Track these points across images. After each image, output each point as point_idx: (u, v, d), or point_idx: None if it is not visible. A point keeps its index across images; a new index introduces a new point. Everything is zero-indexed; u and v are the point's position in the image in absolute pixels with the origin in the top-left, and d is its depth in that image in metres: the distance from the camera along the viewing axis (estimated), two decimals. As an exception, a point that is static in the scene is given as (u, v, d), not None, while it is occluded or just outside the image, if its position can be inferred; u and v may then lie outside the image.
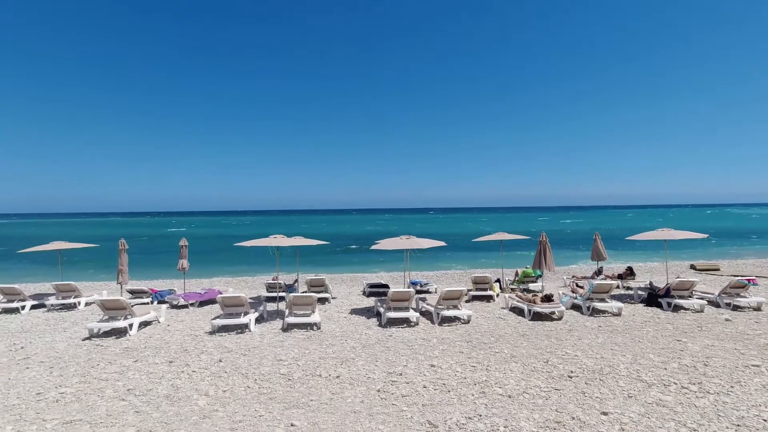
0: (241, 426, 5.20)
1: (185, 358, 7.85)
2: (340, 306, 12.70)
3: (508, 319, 10.67)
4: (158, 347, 8.61)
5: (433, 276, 19.36)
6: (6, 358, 8.06)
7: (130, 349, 8.48)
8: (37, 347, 8.73)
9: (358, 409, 5.62)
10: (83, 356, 8.08)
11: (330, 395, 6.11)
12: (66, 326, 10.57)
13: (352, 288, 16.26)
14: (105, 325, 9.53)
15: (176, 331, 9.97)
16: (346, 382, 6.61)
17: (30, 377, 6.99)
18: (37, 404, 5.91)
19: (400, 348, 8.34)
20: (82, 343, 8.96)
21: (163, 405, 5.83)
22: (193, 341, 9.03)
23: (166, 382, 6.69)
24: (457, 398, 5.93)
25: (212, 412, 5.59)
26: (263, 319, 10.89)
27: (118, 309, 9.90)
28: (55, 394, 6.27)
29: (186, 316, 11.55)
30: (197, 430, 5.10)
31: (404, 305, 10.72)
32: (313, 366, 7.34)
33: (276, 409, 5.68)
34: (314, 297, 10.43)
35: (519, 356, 7.71)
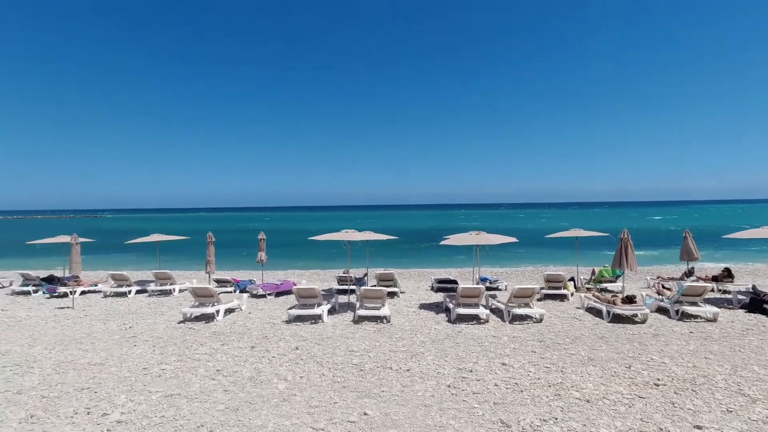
0: (317, 411, 5.50)
1: (265, 345, 8.41)
2: (408, 300, 12.84)
3: (584, 319, 10.14)
4: (241, 333, 9.30)
5: (502, 273, 18.88)
6: (118, 335, 9.18)
7: (218, 334, 9.25)
8: (141, 327, 9.83)
9: (428, 403, 5.70)
10: (179, 337, 8.96)
11: (401, 387, 6.24)
12: (164, 310, 11.76)
13: (419, 283, 16.34)
14: (196, 310, 10.47)
15: (256, 318, 10.69)
16: (417, 375, 6.71)
17: (137, 354, 7.91)
18: (143, 378, 6.68)
19: (470, 344, 8.28)
20: (178, 326, 9.93)
21: (247, 386, 6.32)
22: (272, 329, 9.63)
23: (249, 365, 7.23)
24: (531, 399, 5.79)
25: (291, 396, 5.96)
26: (335, 311, 11.32)
27: (206, 296, 10.83)
28: (158, 369, 7.04)
29: (264, 305, 12.33)
30: (278, 412, 5.47)
31: (473, 302, 10.60)
32: (383, 358, 7.53)
33: (349, 397, 5.92)
34: (384, 291, 10.65)
35: (597, 360, 7.32)
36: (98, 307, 12.29)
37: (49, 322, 10.45)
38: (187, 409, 5.57)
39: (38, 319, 10.85)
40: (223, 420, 5.24)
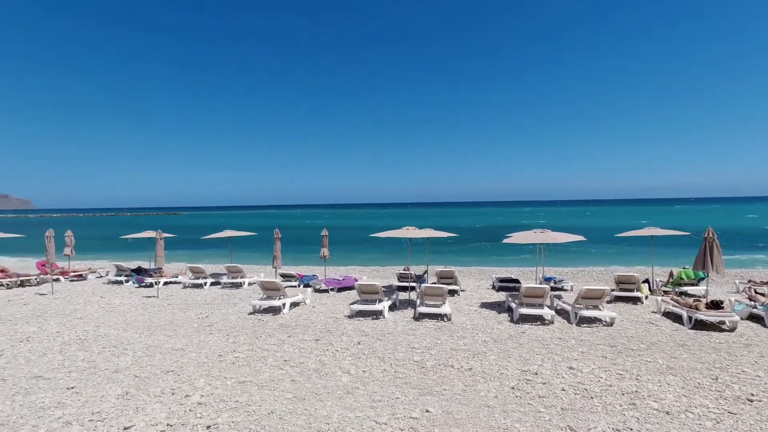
0: (379, 405, 5.61)
1: (329, 338, 8.70)
2: (469, 299, 12.66)
3: (661, 325, 9.44)
4: (306, 326, 9.69)
5: (568, 273, 18.02)
6: (196, 324, 9.93)
7: (284, 326, 9.71)
8: (216, 317, 10.55)
9: (491, 404, 5.61)
10: (249, 328, 9.51)
11: (463, 387, 6.20)
12: (235, 301, 12.53)
13: (480, 281, 16.05)
14: (264, 303, 11.06)
15: (320, 312, 11.07)
16: (479, 375, 6.63)
17: (213, 341, 8.51)
18: (219, 364, 7.19)
19: (534, 346, 8.02)
20: (248, 317, 10.55)
21: (313, 377, 6.59)
22: (335, 323, 9.93)
23: (314, 357, 7.52)
24: (602, 407, 5.51)
25: (354, 389, 6.13)
26: (396, 307, 11.44)
27: (274, 290, 11.39)
28: (231, 357, 7.53)
29: (327, 300, 12.74)
30: (342, 404, 5.65)
31: (538, 302, 10.24)
32: (445, 356, 7.51)
33: (411, 393, 5.98)
34: (445, 289, 10.60)
35: (678, 369, 6.80)
36: (178, 296, 13.35)
37: (138, 309, 11.53)
38: (258, 395, 5.91)
39: (130, 306, 12.00)
40: (291, 408, 5.51)
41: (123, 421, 5.19)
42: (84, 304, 12.35)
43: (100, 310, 11.54)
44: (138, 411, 5.47)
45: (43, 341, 8.64)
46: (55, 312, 11.29)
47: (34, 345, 8.39)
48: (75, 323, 10.08)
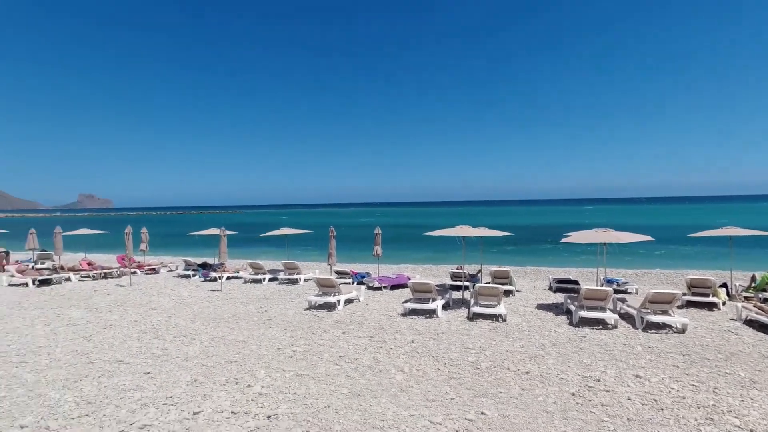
0: (434, 405, 5.60)
1: (382, 336, 8.80)
2: (525, 300, 12.30)
3: (742, 334, 8.65)
4: (360, 323, 9.86)
5: (632, 275, 16.97)
6: (256, 317, 10.42)
7: (339, 322, 9.93)
8: (274, 312, 11.01)
9: (550, 410, 5.42)
10: (306, 323, 9.84)
11: (520, 390, 6.04)
12: (292, 297, 12.99)
13: (536, 282, 15.52)
14: (320, 299, 11.38)
15: (373, 310, 11.21)
16: (536, 379, 6.42)
17: (272, 335, 8.89)
18: (278, 357, 7.50)
19: (596, 351, 7.64)
20: (304, 312, 10.90)
21: (367, 374, 6.70)
22: (388, 321, 10.02)
23: (368, 354, 7.64)
24: (674, 420, 5.15)
25: (408, 387, 6.16)
26: (449, 307, 11.34)
27: (329, 286, 11.68)
28: (289, 351, 7.83)
29: (381, 298, 12.88)
30: (396, 402, 5.70)
31: (599, 305, 9.75)
32: (500, 358, 7.35)
33: (465, 395, 5.92)
34: (500, 288, 10.37)
35: (763, 383, 6.21)
36: (240, 291, 14.07)
37: (204, 302, 12.28)
38: (315, 389, 6.11)
39: (197, 298, 12.82)
40: (346, 403, 5.64)
41: (192, 406, 5.56)
42: (157, 295, 13.34)
43: (171, 301, 12.41)
44: (205, 398, 5.84)
45: (123, 329, 9.45)
46: (133, 302, 12.29)
47: (116, 332, 9.19)
48: (150, 313, 10.92)
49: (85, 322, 10.03)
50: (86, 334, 9.01)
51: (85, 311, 11.24)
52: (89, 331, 9.25)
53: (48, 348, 8.11)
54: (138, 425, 5.09)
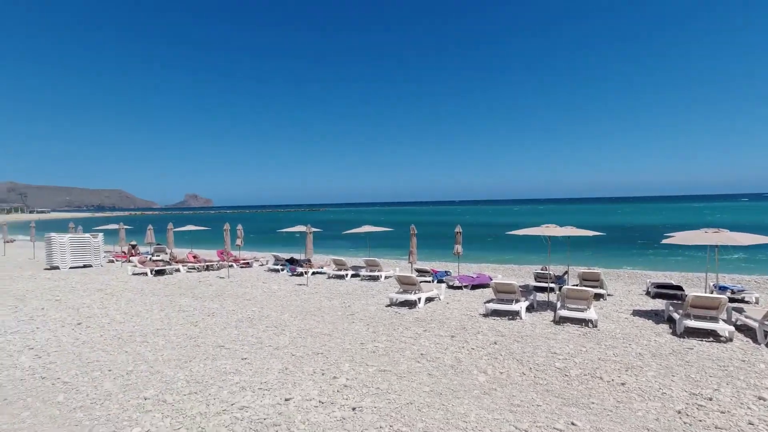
0: (519, 410, 5.43)
1: (464, 335, 8.70)
2: (618, 305, 11.39)
3: None
4: (441, 321, 9.83)
5: (750, 282, 14.89)
6: (340, 312, 10.86)
7: (420, 320, 10.00)
8: (357, 307, 11.38)
9: (651, 427, 4.98)
10: (387, 320, 10.04)
11: (615, 402, 5.63)
12: (373, 293, 13.33)
13: (630, 286, 14.28)
14: (400, 296, 11.54)
15: (454, 309, 11.12)
16: (634, 392, 5.94)
17: (355, 330, 9.21)
18: (361, 352, 7.75)
19: (707, 366, 6.86)
20: (386, 309, 11.13)
21: (449, 374, 6.67)
22: (470, 321, 9.88)
23: (450, 353, 7.61)
24: (806, 450, 4.47)
25: (491, 390, 6.03)
26: (533, 309, 10.89)
27: (409, 284, 11.80)
28: (372, 346, 8.06)
29: (461, 297, 12.72)
30: (479, 404, 5.62)
31: (710, 314, 8.72)
32: (592, 366, 6.90)
33: (553, 402, 5.65)
34: (590, 292, 9.74)
35: None
36: (324, 286, 14.74)
37: (292, 295, 13.07)
38: (398, 385, 6.22)
39: (285, 292, 13.68)
40: (428, 402, 5.68)
41: (284, 393, 5.97)
42: (251, 288, 14.46)
43: (263, 294, 13.39)
44: (295, 386, 6.23)
45: (223, 317, 10.39)
46: (231, 293, 13.46)
47: (218, 320, 10.14)
48: (245, 304, 11.88)
49: (192, 309, 11.18)
50: (193, 320, 10.06)
51: (191, 299, 12.54)
52: (196, 318, 10.30)
53: (163, 331, 9.19)
54: (238, 406, 5.59)
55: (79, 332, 9.08)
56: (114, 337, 8.73)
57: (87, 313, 10.79)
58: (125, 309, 11.31)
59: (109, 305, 11.77)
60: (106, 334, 8.97)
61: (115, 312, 10.96)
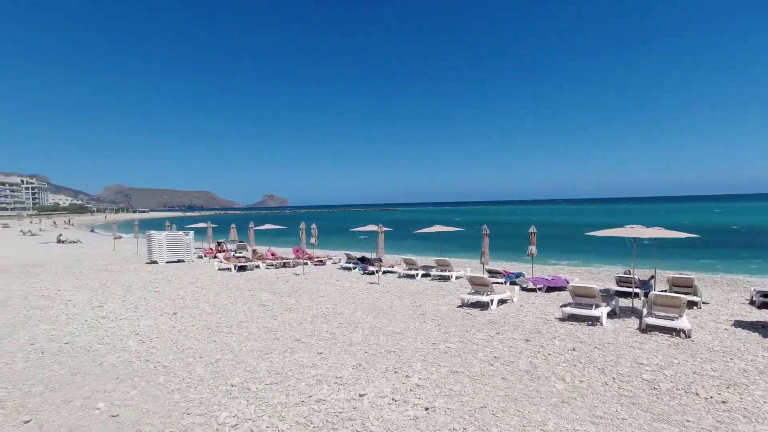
0: (602, 422, 5.12)
1: (539, 340, 8.36)
2: (715, 314, 10.28)
3: None
4: (515, 324, 9.54)
5: None
6: (411, 311, 10.94)
7: (492, 322, 9.77)
8: (428, 307, 11.39)
9: (759, 452, 4.47)
10: (459, 320, 9.94)
11: (714, 422, 5.11)
12: (444, 294, 13.25)
13: (730, 294, 12.81)
14: (472, 297, 11.36)
15: (528, 312, 10.72)
16: (738, 412, 5.34)
17: (427, 329, 9.23)
18: (433, 352, 7.76)
19: (831, 389, 5.98)
20: (457, 310, 11.02)
21: (524, 379, 6.46)
22: (545, 325, 9.48)
23: (524, 358, 7.36)
24: None
25: (570, 399, 5.75)
26: (615, 315, 10.19)
27: (481, 285, 11.58)
28: (443, 347, 8.03)
29: (535, 299, 12.23)
30: (558, 412, 5.38)
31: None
32: (685, 381, 6.32)
33: (641, 417, 5.26)
34: (683, 299, 8.90)
35: None
36: (395, 285, 14.91)
37: (363, 293, 13.39)
38: (471, 388, 6.15)
39: (357, 290, 14.05)
40: (503, 406, 5.55)
41: (358, 389, 6.15)
42: (324, 285, 15.03)
43: (336, 291, 13.85)
44: (369, 382, 6.39)
45: (299, 312, 10.92)
46: (306, 290, 14.09)
47: (295, 314, 10.68)
48: (319, 300, 12.38)
49: (272, 304, 11.88)
50: (273, 314, 10.68)
51: (270, 294, 13.31)
52: (275, 312, 10.93)
53: (246, 323, 9.86)
54: (315, 398, 5.86)
55: (174, 321, 10.03)
56: (204, 327, 9.54)
57: (181, 304, 11.89)
58: (213, 301, 12.29)
59: (200, 297, 12.86)
60: (197, 323, 9.82)
61: (205, 304, 11.95)
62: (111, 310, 11.26)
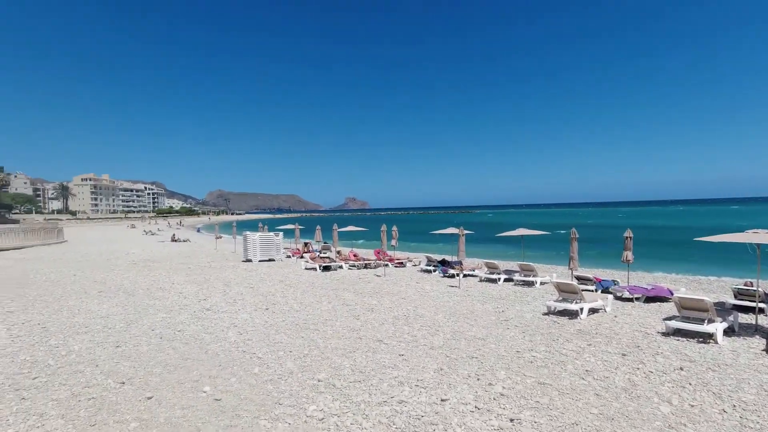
0: (717, 453, 4.54)
1: (638, 355, 7.64)
2: None
3: None
4: (609, 336, 8.82)
5: None
6: (494, 317, 10.61)
7: (582, 332, 9.14)
8: (511, 313, 10.97)
9: None
10: (545, 328, 9.44)
11: None
12: (528, 300, 12.67)
13: None
14: (559, 305, 10.72)
15: (624, 323, 9.87)
16: None
17: (510, 336, 8.89)
18: (518, 360, 7.44)
19: None
20: (543, 317, 10.48)
21: (621, 397, 5.94)
22: (645, 339, 8.64)
23: (621, 374, 6.77)
24: None
25: (679, 425, 5.17)
26: (733, 332, 8.98)
27: (570, 292, 10.88)
28: (529, 356, 7.67)
29: (632, 310, 11.22)
30: (662, 437, 4.87)
31: None
32: (828, 414, 5.37)
33: (768, 451, 4.57)
34: (824, 318, 7.57)
35: None
36: (476, 289, 14.58)
37: (444, 296, 13.27)
38: (560, 402, 5.80)
39: (438, 293, 13.96)
40: (597, 426, 5.15)
41: (440, 393, 6.11)
42: (405, 287, 15.15)
43: (416, 293, 13.90)
44: (451, 387, 6.31)
45: (381, 313, 11.12)
46: (387, 291, 14.31)
47: (376, 315, 10.90)
48: (400, 302, 12.51)
49: (354, 304, 12.25)
50: (355, 314, 11.00)
51: (353, 294, 13.73)
52: (357, 312, 11.26)
53: (330, 321, 10.27)
54: (397, 399, 5.92)
55: (267, 316, 10.77)
56: (292, 323, 10.11)
57: (272, 300, 12.73)
58: (300, 299, 12.99)
59: (288, 295, 13.67)
60: (286, 319, 10.45)
61: (293, 301, 12.68)
62: (214, 303, 12.41)
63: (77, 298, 13.16)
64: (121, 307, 11.84)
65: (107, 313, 11.13)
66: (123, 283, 16.15)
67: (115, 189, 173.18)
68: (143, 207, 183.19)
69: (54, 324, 10.07)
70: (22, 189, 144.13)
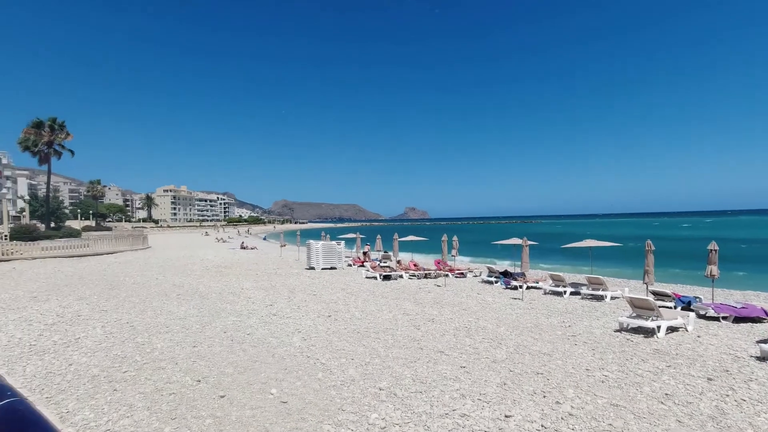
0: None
1: (727, 380, 6.96)
2: None
3: None
4: (692, 358, 8.12)
5: None
6: (560, 331, 10.15)
7: (661, 352, 8.48)
8: (579, 328, 10.43)
9: None
10: (617, 346, 8.87)
11: None
12: (597, 315, 11.98)
13: None
14: (633, 321, 10.04)
15: (709, 345, 9.03)
16: None
17: (578, 353, 8.45)
18: (587, 378, 7.07)
19: None
20: (614, 334, 9.86)
21: (708, 425, 5.45)
22: (735, 363, 7.85)
23: (707, 400, 6.21)
24: None
25: (776, 460, 4.65)
26: None
27: (645, 308, 10.15)
28: (600, 374, 7.25)
29: (719, 331, 10.23)
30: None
31: None
32: None
33: None
34: None
35: None
36: (540, 302, 14.02)
37: (506, 309, 12.90)
38: (636, 426, 5.43)
39: (500, 305, 13.60)
40: (679, 453, 4.77)
41: (504, 408, 5.95)
42: (466, 297, 14.92)
43: (477, 305, 13.63)
44: (515, 403, 6.13)
45: (441, 324, 11.04)
46: (448, 302, 14.17)
47: (436, 326, 10.83)
48: (461, 313, 12.33)
49: (415, 314, 12.25)
50: (416, 324, 11.01)
51: (413, 304, 13.75)
52: (418, 322, 11.26)
53: (391, 330, 10.36)
54: (459, 413, 5.85)
55: (329, 323, 11.08)
56: (354, 330, 10.32)
57: (334, 308, 13.08)
58: (362, 307, 13.23)
59: (350, 303, 13.97)
60: (348, 327, 10.68)
61: (354, 309, 12.94)
62: (279, 308, 12.99)
63: (159, 300, 14.34)
64: (197, 310, 12.74)
65: (185, 315, 12.03)
66: (198, 287, 17.36)
67: (191, 199, 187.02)
68: (216, 216, 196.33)
69: (140, 323, 11.06)
70: (114, 199, 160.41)
